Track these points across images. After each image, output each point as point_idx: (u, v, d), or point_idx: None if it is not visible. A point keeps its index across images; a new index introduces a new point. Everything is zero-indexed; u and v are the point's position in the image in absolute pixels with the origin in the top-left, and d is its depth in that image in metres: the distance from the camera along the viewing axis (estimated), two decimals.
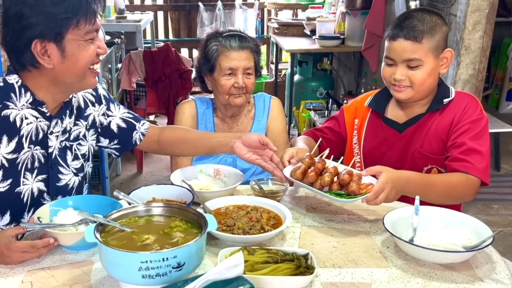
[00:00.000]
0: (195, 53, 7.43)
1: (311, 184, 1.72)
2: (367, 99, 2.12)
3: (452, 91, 1.98)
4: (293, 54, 5.18)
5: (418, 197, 1.63)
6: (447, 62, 1.92)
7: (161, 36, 7.73)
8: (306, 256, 1.42)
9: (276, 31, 5.65)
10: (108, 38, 4.63)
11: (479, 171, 1.81)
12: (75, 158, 1.83)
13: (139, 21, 5.74)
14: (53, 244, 1.48)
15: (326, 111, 4.77)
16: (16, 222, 1.72)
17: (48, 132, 1.71)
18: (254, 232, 1.55)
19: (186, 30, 7.66)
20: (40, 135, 1.70)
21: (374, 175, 1.69)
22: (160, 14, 7.67)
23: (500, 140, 4.67)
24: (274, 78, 6.22)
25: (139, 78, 4.82)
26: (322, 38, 4.85)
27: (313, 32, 5.09)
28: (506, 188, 4.39)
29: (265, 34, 7.61)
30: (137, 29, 5.53)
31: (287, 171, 1.80)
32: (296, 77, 5.49)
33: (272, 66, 6.61)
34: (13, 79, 1.65)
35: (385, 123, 2.05)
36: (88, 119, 1.87)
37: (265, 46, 7.35)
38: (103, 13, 1.68)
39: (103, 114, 1.92)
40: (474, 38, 3.26)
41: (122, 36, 5.06)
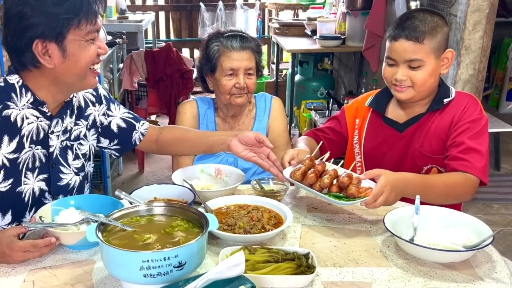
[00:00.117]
0: (197, 53, 7.44)
1: (311, 186, 1.72)
2: (368, 99, 2.12)
3: (453, 91, 1.98)
4: (294, 54, 5.19)
5: (418, 196, 1.63)
6: (448, 62, 1.92)
7: (162, 36, 7.73)
8: (307, 256, 1.43)
9: (277, 31, 5.65)
10: (109, 38, 4.63)
11: (478, 170, 1.81)
12: (76, 158, 1.83)
13: (140, 21, 5.75)
14: (54, 244, 1.48)
15: (327, 111, 4.78)
16: (18, 221, 1.72)
17: (49, 131, 1.72)
18: (255, 231, 1.55)
19: (188, 30, 7.67)
20: (41, 135, 1.70)
21: (373, 179, 1.68)
22: (162, 14, 7.68)
23: (500, 140, 4.66)
24: (275, 78, 6.22)
25: (141, 78, 4.83)
26: (323, 38, 4.85)
27: (314, 32, 5.09)
28: (506, 188, 4.39)
29: (266, 34, 7.61)
30: (138, 29, 5.54)
31: (287, 172, 1.80)
32: (297, 77, 5.49)
33: (273, 66, 6.61)
34: (13, 79, 1.65)
35: (385, 123, 2.05)
36: (89, 118, 1.87)
37: (266, 46, 7.35)
38: (104, 13, 1.68)
39: (104, 114, 1.92)
40: (474, 38, 3.26)
41: (124, 36, 5.05)
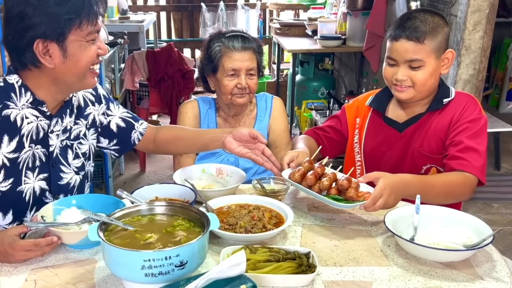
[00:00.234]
0: (198, 53, 7.44)
1: (310, 187, 1.71)
2: (368, 99, 2.12)
3: (452, 91, 1.98)
4: (294, 54, 5.19)
5: (419, 196, 1.63)
6: (448, 62, 1.93)
7: (163, 36, 7.74)
8: (307, 255, 1.43)
9: (278, 31, 5.66)
10: (111, 38, 4.63)
11: (476, 169, 1.81)
12: (76, 157, 1.84)
13: (142, 21, 5.75)
14: (56, 243, 1.49)
15: (328, 111, 4.78)
16: (19, 221, 1.72)
17: (49, 131, 1.72)
18: (256, 231, 1.56)
19: (189, 31, 7.68)
20: (41, 134, 1.71)
21: (372, 182, 1.67)
22: (163, 15, 7.69)
23: (500, 140, 4.66)
24: (276, 78, 6.23)
25: (142, 78, 4.83)
26: (324, 38, 4.86)
27: (314, 32, 5.10)
28: (506, 187, 4.39)
29: (267, 34, 7.62)
30: (140, 29, 5.54)
31: (286, 173, 1.80)
32: (297, 77, 5.49)
33: (274, 66, 6.62)
34: (13, 79, 1.65)
35: (385, 122, 2.05)
36: (88, 118, 1.88)
37: (267, 46, 7.35)
38: (105, 14, 1.69)
39: (103, 114, 1.93)
40: (475, 39, 3.26)
41: (125, 37, 5.06)
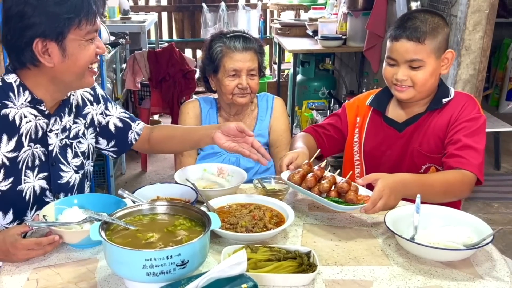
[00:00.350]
0: (199, 53, 7.45)
1: (309, 189, 1.71)
2: (369, 98, 2.12)
3: (452, 91, 1.98)
4: (295, 55, 5.20)
5: (419, 196, 1.64)
6: (448, 62, 1.93)
7: (165, 36, 7.74)
8: (308, 254, 1.43)
9: (278, 31, 5.66)
10: (112, 38, 4.64)
11: (474, 167, 1.81)
12: (75, 156, 1.84)
13: (143, 21, 5.75)
14: (58, 242, 1.49)
15: (328, 111, 4.79)
16: (19, 220, 1.73)
17: (47, 130, 1.72)
18: (257, 230, 1.56)
19: (190, 31, 7.68)
20: (40, 133, 1.71)
21: (371, 184, 1.67)
22: (164, 15, 7.69)
23: (500, 140, 4.66)
24: (276, 78, 6.23)
25: (144, 78, 4.83)
26: (324, 38, 4.86)
27: (315, 32, 5.10)
28: (506, 187, 4.39)
29: (268, 34, 7.61)
30: (141, 29, 5.54)
31: (285, 175, 1.80)
32: (298, 77, 5.49)
33: (275, 66, 6.62)
34: (11, 78, 1.66)
35: (385, 122, 2.05)
36: (87, 117, 1.89)
37: (268, 46, 7.35)
38: (106, 13, 1.69)
39: (102, 113, 1.93)
40: (475, 39, 3.26)
41: (127, 37, 5.06)
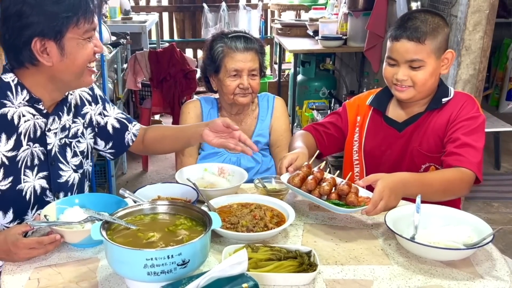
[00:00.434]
0: (200, 53, 7.44)
1: (310, 192, 1.71)
2: (369, 98, 2.12)
3: (451, 91, 1.99)
4: (296, 55, 5.20)
5: (419, 195, 1.64)
6: (448, 62, 1.93)
7: (166, 36, 7.74)
8: (309, 254, 1.44)
9: (279, 31, 5.66)
10: (114, 38, 4.65)
11: (473, 165, 1.80)
12: (74, 155, 1.85)
13: (144, 22, 5.75)
14: (59, 241, 1.49)
15: (329, 111, 4.79)
16: (19, 219, 1.72)
17: (46, 129, 1.73)
18: (258, 229, 1.56)
19: (191, 31, 7.68)
20: (38, 133, 1.71)
21: (370, 185, 1.67)
22: (165, 15, 7.69)
23: (500, 139, 4.66)
24: (277, 78, 6.23)
25: (145, 78, 4.84)
26: (325, 38, 4.86)
27: (315, 32, 5.10)
28: (506, 187, 4.39)
29: (268, 34, 7.61)
30: (142, 29, 5.55)
31: (285, 177, 1.79)
32: (299, 77, 5.49)
33: (276, 66, 6.62)
34: (9, 77, 1.66)
35: (385, 122, 2.06)
36: (86, 117, 1.89)
37: (268, 46, 7.35)
38: (101, 11, 1.70)
39: (100, 114, 1.94)
40: (475, 39, 3.26)
41: (128, 37, 5.08)
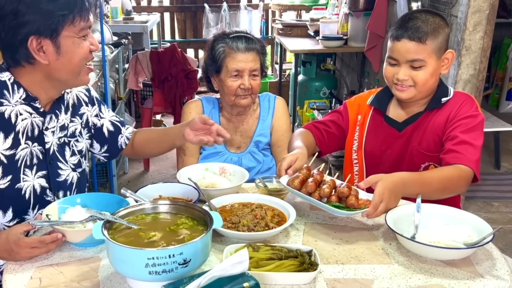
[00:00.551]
0: (201, 53, 7.45)
1: (310, 194, 1.70)
2: (369, 98, 2.12)
3: (451, 91, 1.99)
4: (297, 55, 5.20)
5: (420, 195, 1.65)
6: (448, 62, 1.94)
7: (167, 36, 7.74)
8: (309, 253, 1.44)
9: (280, 32, 5.67)
10: (115, 38, 4.66)
11: (471, 162, 1.80)
12: (73, 154, 1.85)
13: (146, 22, 5.76)
14: (61, 240, 1.49)
15: (329, 111, 4.76)
16: (19, 218, 1.72)
17: (43, 128, 1.73)
18: (259, 229, 1.57)
19: (192, 31, 7.68)
20: (36, 131, 1.71)
21: (370, 187, 1.67)
22: (167, 15, 7.69)
23: (500, 139, 4.67)
24: (278, 78, 6.24)
25: (146, 78, 4.84)
26: (326, 38, 4.86)
27: (316, 33, 5.11)
28: (506, 186, 4.40)
29: (269, 35, 7.61)
30: (144, 30, 5.54)
31: (284, 180, 1.78)
32: (300, 77, 5.49)
33: (277, 66, 6.62)
34: (5, 76, 1.66)
35: (386, 121, 2.06)
36: (83, 117, 1.90)
37: (269, 46, 7.35)
38: (96, 9, 1.70)
39: (96, 116, 1.95)
40: (475, 39, 3.26)
41: (129, 37, 5.08)
